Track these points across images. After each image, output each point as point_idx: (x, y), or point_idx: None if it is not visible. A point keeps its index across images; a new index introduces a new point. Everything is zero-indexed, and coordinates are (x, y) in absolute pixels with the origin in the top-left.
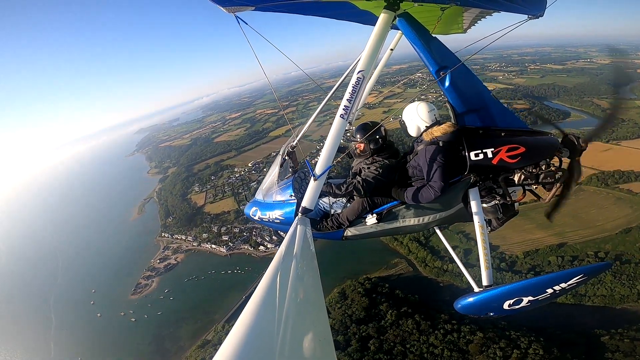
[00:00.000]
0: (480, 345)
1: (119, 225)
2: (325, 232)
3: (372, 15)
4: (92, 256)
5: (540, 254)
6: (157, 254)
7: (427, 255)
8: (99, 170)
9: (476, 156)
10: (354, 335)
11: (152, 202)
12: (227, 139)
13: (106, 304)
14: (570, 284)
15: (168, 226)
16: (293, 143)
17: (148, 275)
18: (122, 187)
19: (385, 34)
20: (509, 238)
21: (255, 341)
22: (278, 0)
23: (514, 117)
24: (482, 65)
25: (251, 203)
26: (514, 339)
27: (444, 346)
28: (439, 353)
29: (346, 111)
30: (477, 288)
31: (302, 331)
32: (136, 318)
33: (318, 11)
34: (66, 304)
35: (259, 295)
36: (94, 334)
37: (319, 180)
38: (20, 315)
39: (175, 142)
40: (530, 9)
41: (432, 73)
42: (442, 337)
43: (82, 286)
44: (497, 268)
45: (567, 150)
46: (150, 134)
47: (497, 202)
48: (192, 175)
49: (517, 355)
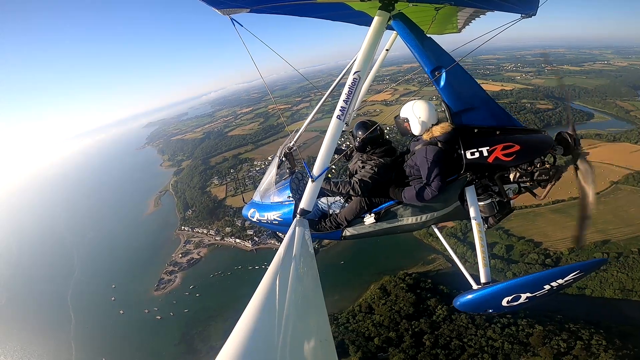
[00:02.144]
0: (542, 337)
1: (136, 219)
2: (324, 232)
3: (367, 16)
4: (109, 250)
5: (584, 250)
6: (178, 248)
7: (467, 251)
8: (110, 163)
9: (472, 155)
10: (406, 331)
11: (168, 194)
12: (241, 132)
13: (128, 300)
14: (567, 280)
15: (188, 219)
16: (290, 144)
17: (171, 271)
18: (135, 179)
19: (380, 34)
20: (552, 235)
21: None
22: (273, 2)
23: (508, 116)
24: (497, 65)
25: (249, 205)
26: (575, 331)
27: (503, 339)
28: (499, 346)
29: (343, 112)
30: (475, 285)
31: (302, 333)
32: (162, 316)
33: (313, 12)
34: (85, 300)
35: (258, 297)
36: (118, 332)
37: (317, 182)
38: (37, 314)
39: (187, 135)
40: (523, 8)
41: (427, 73)
42: (500, 330)
43: (101, 282)
44: (543, 264)
45: (561, 147)
46: (160, 127)
47: (494, 200)
48: (209, 168)
49: (581, 346)
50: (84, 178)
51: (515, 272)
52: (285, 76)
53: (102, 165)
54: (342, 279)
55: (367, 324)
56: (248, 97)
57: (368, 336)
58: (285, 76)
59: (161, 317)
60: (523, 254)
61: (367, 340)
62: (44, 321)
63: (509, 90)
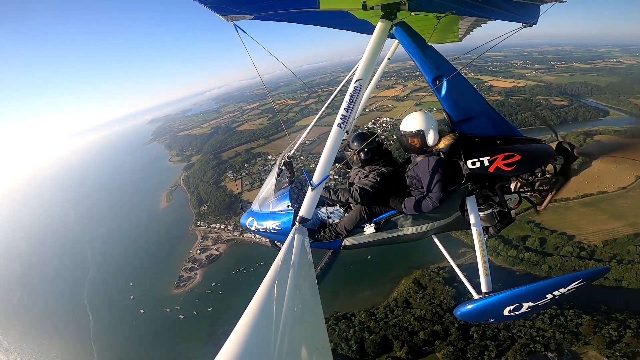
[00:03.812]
0: (593, 326)
1: (149, 214)
2: (323, 242)
3: (369, 25)
4: (123, 247)
5: (618, 243)
6: (195, 244)
7: (499, 245)
8: (116, 159)
9: (473, 165)
10: (451, 324)
11: (179, 190)
12: (250, 127)
13: (148, 299)
14: (569, 289)
15: (203, 214)
16: (290, 153)
17: (190, 267)
18: (143, 175)
19: (382, 42)
20: (584, 228)
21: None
22: (276, 10)
23: (509, 125)
24: (505, 62)
25: (247, 213)
26: (622, 320)
27: (553, 329)
28: (550, 336)
29: (344, 120)
30: (476, 295)
31: (299, 341)
32: (185, 315)
33: (316, 20)
34: (102, 299)
35: (255, 305)
36: (140, 333)
37: (317, 190)
38: (53, 313)
39: (194, 130)
40: (524, 18)
41: (428, 82)
42: (549, 321)
43: (118, 280)
44: (578, 256)
45: (562, 157)
46: (164, 123)
47: (494, 210)
48: (222, 162)
49: (631, 335)
50: (90, 174)
51: (551, 265)
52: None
53: (108, 161)
54: (371, 274)
55: (408, 318)
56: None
57: (412, 330)
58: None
59: (184, 317)
60: (557, 246)
61: (412, 335)
62: (60, 321)
63: (521, 86)
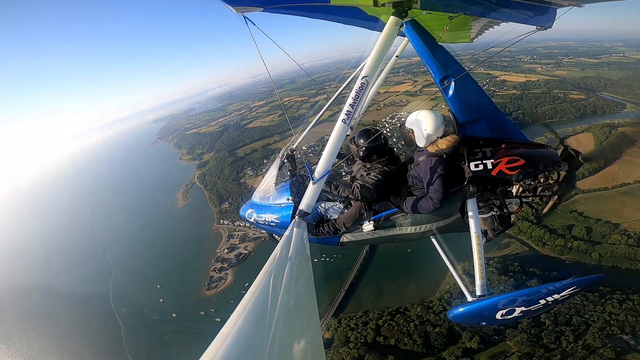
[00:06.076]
0: None
1: (168, 214)
2: (322, 237)
3: (379, 21)
4: (145, 247)
5: None
6: (221, 243)
7: (545, 234)
8: (125, 158)
9: (476, 167)
10: None
11: (195, 188)
12: (261, 124)
13: (178, 301)
14: (563, 296)
15: (225, 212)
16: (293, 146)
17: (219, 267)
18: (155, 174)
19: (392, 40)
20: (628, 216)
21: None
22: (287, 2)
23: (515, 129)
24: (513, 57)
25: (247, 205)
26: None
27: (626, 313)
28: (623, 319)
29: (348, 116)
30: (470, 298)
31: (292, 335)
32: (221, 318)
33: (326, 14)
34: (130, 303)
35: (250, 297)
36: (177, 339)
37: (318, 184)
38: (81, 320)
39: (202, 129)
40: (539, 21)
41: (435, 82)
42: (619, 305)
43: (143, 282)
44: (626, 244)
45: (566, 164)
46: (169, 123)
47: (494, 214)
48: (238, 159)
49: None
50: (98, 174)
51: (601, 254)
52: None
53: (117, 161)
54: (415, 267)
55: None
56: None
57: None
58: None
59: (221, 320)
60: (604, 235)
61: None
62: (88, 327)
63: (534, 81)
